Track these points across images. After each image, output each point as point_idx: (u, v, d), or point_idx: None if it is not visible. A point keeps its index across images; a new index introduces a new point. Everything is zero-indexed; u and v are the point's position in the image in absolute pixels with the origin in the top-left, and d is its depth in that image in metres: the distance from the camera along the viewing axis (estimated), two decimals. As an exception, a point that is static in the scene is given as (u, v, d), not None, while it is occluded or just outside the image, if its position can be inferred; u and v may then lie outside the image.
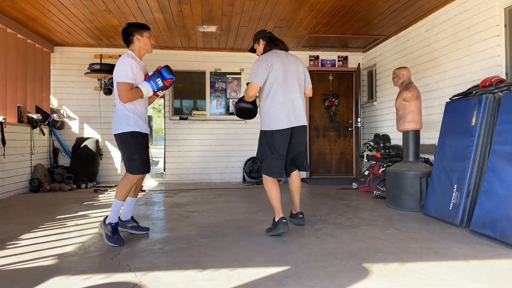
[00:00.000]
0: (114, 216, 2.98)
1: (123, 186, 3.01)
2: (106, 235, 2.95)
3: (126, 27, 3.11)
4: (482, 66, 4.21)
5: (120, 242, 2.91)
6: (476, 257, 2.60)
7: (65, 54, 6.89)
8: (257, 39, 3.58)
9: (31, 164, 5.92)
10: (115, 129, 3.01)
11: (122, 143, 3.00)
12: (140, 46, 3.09)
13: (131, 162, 2.99)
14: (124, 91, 2.88)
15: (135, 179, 3.03)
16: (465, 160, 3.56)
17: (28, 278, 2.25)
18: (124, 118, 2.96)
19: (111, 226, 2.94)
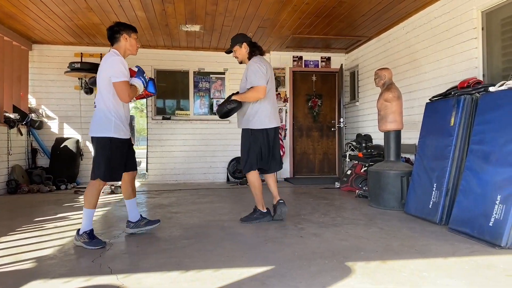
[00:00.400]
0: (87, 224, 2.87)
1: (90, 193, 2.90)
2: (84, 243, 2.83)
3: (114, 25, 3.03)
4: (460, 68, 4.32)
5: (101, 243, 2.85)
6: (454, 254, 2.66)
7: (44, 52, 6.72)
8: (240, 42, 3.63)
9: (8, 165, 5.75)
10: (94, 131, 2.91)
11: (98, 146, 2.90)
12: (126, 46, 3.02)
13: (101, 168, 2.88)
14: (125, 90, 2.84)
15: (101, 185, 2.93)
16: (444, 159, 3.64)
17: (5, 283, 2.18)
18: (105, 121, 2.87)
19: (86, 233, 2.84)
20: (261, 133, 3.60)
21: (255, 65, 3.52)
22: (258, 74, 3.48)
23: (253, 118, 3.57)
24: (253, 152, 3.60)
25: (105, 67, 2.88)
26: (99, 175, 2.90)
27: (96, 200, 2.93)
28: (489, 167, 3.08)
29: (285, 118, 7.43)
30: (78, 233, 2.88)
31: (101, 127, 2.88)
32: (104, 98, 2.88)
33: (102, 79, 2.89)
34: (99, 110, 2.91)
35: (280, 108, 7.39)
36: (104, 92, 2.88)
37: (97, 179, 2.91)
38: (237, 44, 3.63)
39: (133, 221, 3.27)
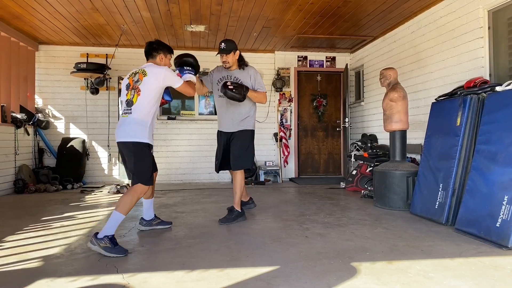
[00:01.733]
0: (112, 229, 2.72)
1: (129, 199, 2.82)
2: (104, 248, 2.63)
3: (154, 42, 3.19)
4: (466, 67, 4.29)
5: (124, 252, 2.68)
6: (461, 255, 2.64)
7: (50, 52, 6.77)
8: (235, 49, 3.75)
9: (15, 164, 5.81)
10: (130, 136, 2.90)
11: (138, 153, 2.89)
12: (160, 64, 3.15)
13: (146, 174, 2.92)
14: (191, 87, 3.19)
15: (143, 192, 2.92)
16: (450, 159, 3.62)
17: (12, 281, 2.21)
18: (143, 129, 2.93)
19: (108, 238, 2.66)
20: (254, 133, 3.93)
21: (256, 74, 3.81)
22: (261, 82, 3.81)
23: (251, 119, 3.85)
24: (253, 152, 3.90)
25: (159, 77, 2.95)
26: (140, 181, 2.90)
27: (131, 207, 2.84)
28: (495, 167, 3.06)
29: (290, 118, 7.43)
30: (97, 237, 2.67)
31: (139, 133, 2.91)
32: (146, 106, 2.93)
33: (150, 88, 2.94)
34: (139, 118, 2.92)
35: (285, 108, 7.39)
36: (148, 100, 2.94)
37: (138, 185, 2.88)
38: (233, 50, 3.71)
39: (147, 219, 3.38)
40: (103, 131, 6.88)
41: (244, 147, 3.77)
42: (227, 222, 3.63)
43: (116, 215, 2.77)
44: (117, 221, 2.77)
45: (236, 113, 3.76)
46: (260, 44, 6.92)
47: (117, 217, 2.77)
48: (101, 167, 6.91)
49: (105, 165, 6.91)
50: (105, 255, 2.63)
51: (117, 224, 2.78)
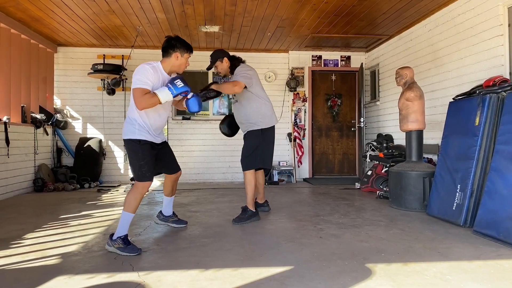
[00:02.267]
0: (123, 229, 2.75)
1: (133, 196, 2.79)
2: (118, 248, 2.69)
3: (172, 38, 2.91)
4: (485, 66, 4.19)
5: (137, 250, 2.70)
6: (479, 258, 2.59)
7: (68, 54, 6.92)
8: (221, 57, 3.73)
9: (34, 164, 5.95)
10: (126, 134, 2.89)
11: (130, 150, 2.88)
12: (174, 64, 2.90)
13: (140, 169, 2.83)
14: (138, 97, 2.69)
15: (145, 188, 2.85)
16: (469, 160, 3.55)
17: (31, 278, 2.26)
18: (131, 126, 2.84)
19: (120, 239, 2.70)
20: (271, 131, 3.84)
21: (240, 69, 3.67)
22: (241, 74, 3.61)
23: (261, 119, 3.72)
24: (261, 151, 3.76)
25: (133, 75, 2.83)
26: (136, 178, 2.86)
27: (137, 204, 2.81)
28: (516, 168, 2.98)
29: (304, 118, 7.39)
30: (111, 238, 2.73)
31: (129, 130, 2.85)
32: (131, 105, 2.86)
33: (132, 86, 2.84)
34: (127, 116, 2.91)
35: (299, 108, 7.36)
36: (132, 100, 2.84)
37: (138, 182, 2.85)
38: (218, 60, 3.72)
39: (165, 215, 3.46)
40: (119, 131, 6.95)
41: (248, 147, 3.77)
42: (240, 221, 3.64)
43: (125, 215, 2.79)
44: (127, 221, 2.78)
45: (240, 117, 3.81)
46: (274, 44, 6.91)
47: (126, 217, 2.79)
48: (117, 167, 7.02)
49: (121, 165, 7.02)
50: (120, 254, 2.68)
51: (128, 224, 2.79)
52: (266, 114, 3.76)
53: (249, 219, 3.69)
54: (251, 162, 3.73)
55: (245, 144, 3.82)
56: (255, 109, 3.72)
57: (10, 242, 3.01)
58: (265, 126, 3.74)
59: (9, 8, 4.99)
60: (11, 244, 2.96)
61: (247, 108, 3.72)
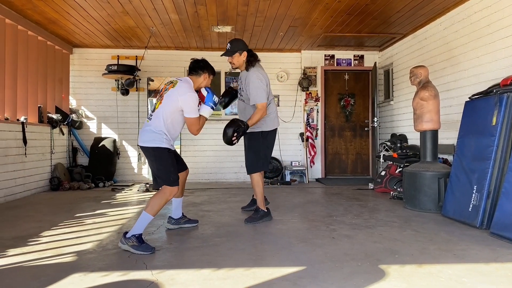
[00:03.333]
0: (140, 228, 2.79)
1: (158, 200, 2.85)
2: (132, 246, 2.71)
3: (201, 61, 3.19)
4: (503, 64, 4.10)
5: (150, 249, 2.73)
6: (496, 260, 2.53)
7: (83, 55, 7.04)
8: (241, 50, 3.65)
9: (51, 163, 6.07)
10: (148, 142, 2.91)
11: (157, 157, 2.93)
12: (202, 82, 3.16)
13: (170, 175, 2.92)
14: (195, 126, 3.02)
15: (172, 194, 2.92)
16: (485, 160, 3.47)
17: (48, 274, 2.30)
18: (160, 136, 2.91)
19: (135, 237, 2.73)
20: (273, 134, 3.82)
21: (256, 82, 3.56)
22: (259, 90, 3.55)
23: (264, 121, 3.68)
24: (264, 153, 3.76)
25: (182, 98, 2.91)
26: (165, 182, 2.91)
27: (160, 208, 2.87)
28: (535, 169, 2.91)
29: (317, 117, 7.36)
30: (125, 236, 2.76)
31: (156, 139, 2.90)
32: (164, 117, 2.92)
33: (171, 102, 2.93)
34: (154, 125, 2.93)
35: (312, 107, 7.33)
36: (165, 111, 2.92)
37: (165, 187, 2.91)
38: (238, 51, 3.64)
39: (175, 218, 3.45)
40: (133, 131, 7.07)
41: (250, 148, 3.78)
42: (252, 221, 3.64)
43: (145, 216, 2.82)
44: (145, 222, 2.83)
45: (246, 116, 3.73)
46: (287, 44, 6.90)
47: (146, 218, 2.82)
48: (131, 166, 7.10)
49: (135, 164, 7.10)
50: (134, 252, 2.70)
51: (145, 224, 2.84)
52: (269, 116, 3.73)
53: (261, 219, 3.69)
54: (256, 166, 3.74)
55: (248, 147, 3.82)
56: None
57: (27, 239, 3.07)
58: (266, 129, 3.73)
59: (26, 11, 5.10)
60: (28, 241, 3.02)
61: (252, 109, 3.65)
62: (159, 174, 2.98)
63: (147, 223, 2.84)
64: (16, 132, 5.13)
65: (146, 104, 7.18)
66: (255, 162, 3.74)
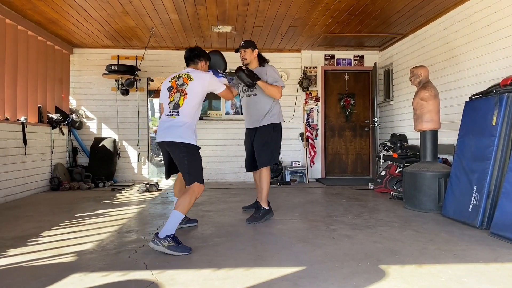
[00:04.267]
0: (173, 228, 2.77)
1: (189, 198, 2.85)
2: (169, 247, 2.67)
3: (195, 49, 3.34)
4: (503, 64, 4.10)
5: (189, 249, 2.75)
6: (496, 260, 2.53)
7: (83, 55, 7.04)
8: (254, 47, 3.90)
9: (51, 163, 6.07)
10: (182, 138, 2.94)
11: (190, 153, 2.97)
12: (201, 70, 3.29)
13: (199, 172, 2.97)
14: (230, 93, 3.46)
15: (201, 191, 2.93)
16: (485, 160, 3.47)
17: (48, 274, 2.30)
18: (191, 131, 3.02)
19: (171, 238, 2.71)
20: (281, 127, 3.93)
21: (275, 70, 3.88)
22: (279, 77, 3.86)
23: (273, 113, 3.83)
24: (277, 146, 3.87)
25: (205, 83, 3.08)
26: (196, 179, 2.93)
27: (190, 206, 2.88)
28: (535, 169, 2.91)
29: (317, 117, 7.36)
30: (159, 236, 2.70)
31: (190, 136, 3.00)
32: (192, 109, 3.03)
33: (196, 92, 3.03)
34: (186, 119, 2.99)
35: (312, 108, 7.33)
36: (194, 103, 3.03)
37: (195, 184, 2.91)
38: (250, 47, 3.87)
39: None
40: (133, 131, 7.07)
41: (264, 142, 3.80)
42: (254, 221, 3.64)
43: (177, 215, 2.80)
44: (177, 221, 2.81)
45: (256, 110, 3.84)
46: (287, 44, 6.90)
47: (178, 216, 2.81)
48: (131, 166, 7.10)
49: (135, 164, 7.10)
50: (170, 253, 2.66)
51: (177, 224, 2.82)
52: (278, 110, 3.91)
53: (263, 217, 3.71)
54: (264, 158, 3.79)
55: (257, 140, 3.84)
56: (272, 105, 3.84)
57: (27, 239, 3.08)
58: (276, 121, 3.86)
59: (26, 11, 5.11)
60: (28, 241, 3.02)
61: (264, 103, 3.82)
62: (191, 170, 2.95)
63: (178, 222, 2.82)
64: (16, 132, 5.13)
65: (146, 104, 7.18)
66: (269, 154, 3.81)
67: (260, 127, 3.82)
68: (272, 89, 3.74)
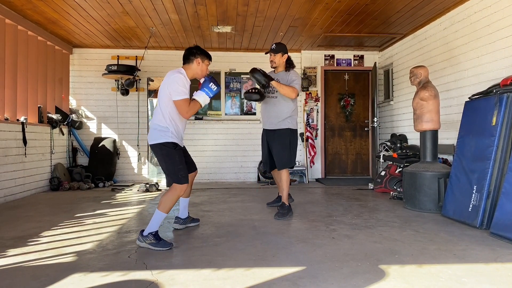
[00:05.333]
0: (155, 226, 2.86)
1: (170, 198, 2.89)
2: (150, 244, 2.80)
3: (193, 47, 3.14)
4: (503, 64, 4.10)
5: (169, 245, 2.83)
6: (496, 260, 2.53)
7: (83, 55, 7.04)
8: (284, 52, 4.04)
9: (51, 163, 6.07)
10: (154, 139, 2.94)
11: (165, 154, 2.94)
12: (196, 69, 3.09)
13: (178, 173, 2.92)
14: (184, 108, 2.91)
15: (182, 191, 2.94)
16: (485, 160, 3.48)
17: (48, 275, 2.30)
18: (163, 133, 2.93)
19: (152, 235, 2.82)
20: (297, 133, 4.10)
21: (299, 77, 4.04)
22: (300, 82, 4.00)
23: (291, 119, 4.00)
24: (294, 149, 4.02)
25: (167, 82, 2.93)
26: (175, 180, 2.93)
27: (172, 206, 2.91)
28: (535, 169, 2.91)
29: (317, 117, 7.36)
30: (142, 234, 2.84)
31: (160, 135, 2.92)
32: (160, 112, 2.95)
33: (163, 92, 2.95)
34: (158, 120, 2.96)
35: (311, 108, 7.33)
36: (162, 104, 2.95)
37: (175, 185, 2.93)
38: (281, 52, 4.00)
39: (182, 218, 3.47)
40: (133, 131, 7.07)
41: (284, 146, 3.97)
42: (282, 217, 3.84)
43: (159, 214, 2.89)
44: (159, 219, 2.89)
45: (275, 112, 4.00)
46: (286, 44, 6.88)
47: (159, 216, 2.89)
48: (131, 166, 7.10)
49: (135, 164, 7.10)
50: (153, 249, 2.78)
51: (160, 222, 2.90)
52: (295, 116, 4.07)
53: (288, 213, 3.91)
54: (283, 161, 3.96)
55: (275, 142, 3.99)
56: (291, 109, 3.99)
57: (27, 239, 3.08)
58: (293, 127, 4.01)
59: (26, 11, 5.11)
60: (28, 241, 3.02)
61: (284, 106, 3.96)
62: (168, 172, 3.00)
63: (161, 221, 2.91)
64: (16, 132, 5.13)
65: (146, 104, 7.18)
66: (288, 157, 3.97)
67: (279, 129, 3.97)
68: (287, 88, 3.84)
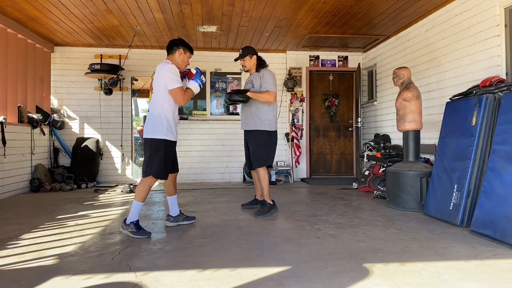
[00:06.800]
0: (134, 215, 3.16)
1: (142, 188, 3.16)
2: (131, 232, 3.11)
3: (176, 39, 3.36)
4: (482, 66, 4.21)
5: (147, 234, 3.13)
6: (476, 257, 2.60)
7: (65, 54, 6.89)
8: (251, 53, 4.09)
9: (31, 164, 5.92)
10: (148, 133, 3.17)
11: (153, 147, 3.15)
12: (177, 59, 3.30)
13: (154, 167, 3.15)
14: (181, 95, 3.15)
15: (153, 182, 3.19)
16: (466, 160, 3.56)
17: (28, 278, 2.25)
18: (159, 124, 3.14)
19: (133, 224, 3.13)
20: (276, 134, 4.16)
21: (271, 74, 4.06)
22: (272, 82, 4.02)
23: (268, 121, 4.03)
24: (271, 150, 4.08)
25: (161, 75, 3.12)
26: (151, 173, 3.15)
27: (146, 195, 3.18)
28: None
29: (302, 118, 7.40)
30: (125, 223, 3.15)
31: (155, 129, 3.15)
32: (157, 103, 3.16)
33: (158, 85, 3.15)
34: (153, 114, 3.17)
35: (297, 108, 7.37)
36: (159, 97, 3.15)
37: (149, 176, 3.16)
38: (248, 55, 4.08)
39: (173, 216, 3.54)
40: (116, 131, 6.97)
41: (257, 146, 4.03)
42: (262, 215, 3.88)
43: (135, 204, 3.16)
44: (137, 209, 3.17)
45: (251, 113, 4.07)
46: (272, 44, 6.91)
47: (136, 205, 3.16)
48: (115, 167, 7.00)
49: (119, 165, 7.00)
50: (133, 237, 3.08)
51: (138, 211, 3.18)
52: (273, 117, 4.10)
53: (269, 211, 3.96)
54: (256, 160, 4.04)
55: (251, 143, 4.08)
56: (267, 110, 4.03)
57: (7, 242, 2.99)
58: (271, 129, 4.05)
59: (5, 8, 4.97)
60: (8, 244, 2.94)
61: (260, 107, 4.01)
62: (149, 162, 3.17)
63: (139, 209, 3.19)
64: (-6, 132, 4.99)
65: (130, 104, 7.09)
66: (263, 157, 4.02)
67: (254, 130, 4.04)
68: (264, 96, 3.92)
